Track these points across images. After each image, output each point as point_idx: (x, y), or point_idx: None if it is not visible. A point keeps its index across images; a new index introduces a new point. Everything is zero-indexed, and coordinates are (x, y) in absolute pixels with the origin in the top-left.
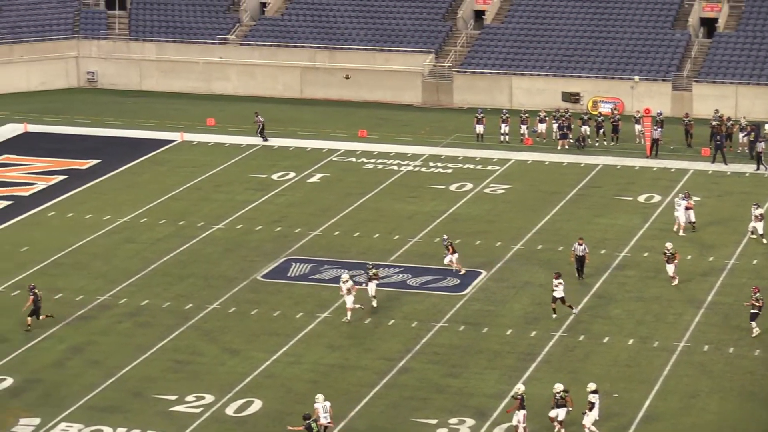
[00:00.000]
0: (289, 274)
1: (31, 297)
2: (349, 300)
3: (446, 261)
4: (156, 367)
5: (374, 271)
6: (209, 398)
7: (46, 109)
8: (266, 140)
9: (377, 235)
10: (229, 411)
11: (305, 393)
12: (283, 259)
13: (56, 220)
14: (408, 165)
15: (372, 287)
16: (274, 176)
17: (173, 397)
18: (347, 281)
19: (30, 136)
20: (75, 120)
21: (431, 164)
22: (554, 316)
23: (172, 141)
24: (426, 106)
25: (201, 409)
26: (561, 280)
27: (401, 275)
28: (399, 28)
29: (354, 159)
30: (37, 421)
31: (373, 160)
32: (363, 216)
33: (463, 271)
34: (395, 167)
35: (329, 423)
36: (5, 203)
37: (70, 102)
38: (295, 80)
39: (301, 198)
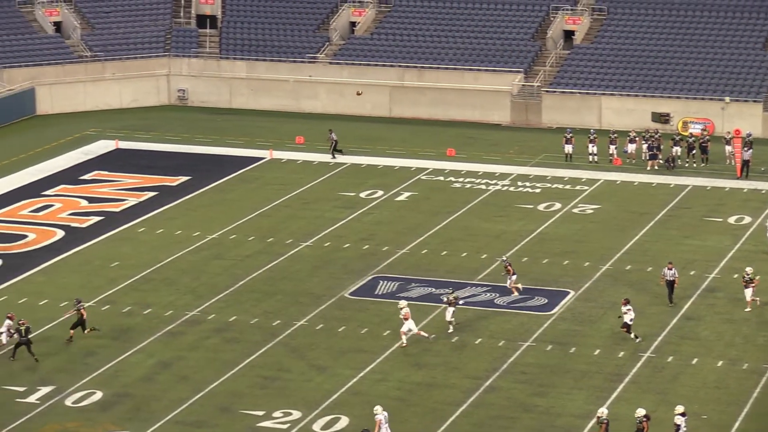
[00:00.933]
0: (376, 292)
1: (74, 311)
2: (405, 325)
3: (509, 284)
4: (243, 382)
5: (453, 296)
6: (296, 414)
7: (138, 126)
8: (334, 158)
9: (465, 253)
10: (316, 427)
11: (391, 410)
12: (370, 277)
13: (146, 236)
14: (496, 184)
15: (450, 312)
16: (362, 194)
17: (260, 413)
18: (403, 308)
19: (121, 152)
20: (165, 137)
21: (519, 184)
22: (637, 340)
23: (262, 158)
24: (515, 126)
25: (288, 425)
26: (630, 306)
27: (488, 294)
28: (488, 48)
29: (442, 178)
30: None
31: (461, 179)
32: (451, 235)
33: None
34: (483, 186)
35: None
36: (96, 219)
37: (160, 119)
38: (384, 99)
39: (389, 216)
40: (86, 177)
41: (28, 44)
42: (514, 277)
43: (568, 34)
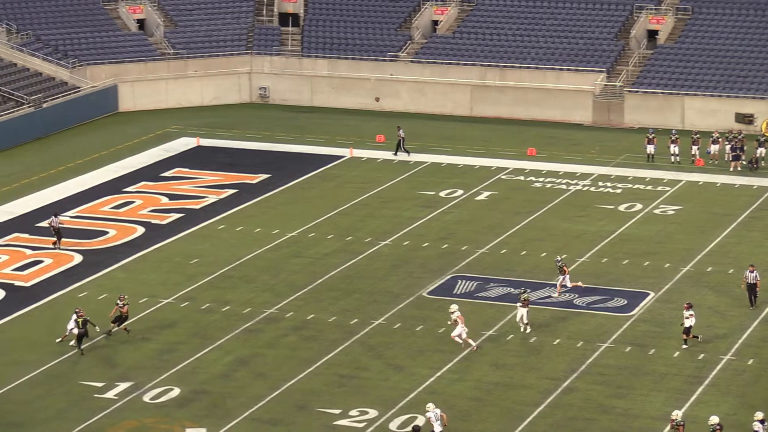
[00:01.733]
0: (454, 291)
1: (117, 306)
2: (456, 330)
3: (559, 284)
4: (320, 380)
5: (525, 296)
6: (373, 413)
7: (219, 124)
8: (396, 155)
9: (544, 254)
10: (393, 426)
11: (468, 410)
12: (449, 276)
13: (226, 233)
14: (577, 184)
15: (522, 313)
16: (442, 193)
17: (337, 411)
18: (454, 312)
19: (202, 150)
20: (246, 135)
21: (600, 184)
22: (684, 346)
23: (342, 157)
24: (596, 126)
25: (364, 423)
26: (692, 312)
27: (567, 295)
28: (571, 47)
29: (522, 177)
30: (203, 431)
31: (541, 179)
32: (530, 234)
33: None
34: (564, 186)
35: (441, 430)
36: (177, 216)
37: (242, 117)
38: (465, 98)
39: (468, 215)
40: (167, 174)
41: (112, 42)
42: (566, 277)
43: (652, 34)
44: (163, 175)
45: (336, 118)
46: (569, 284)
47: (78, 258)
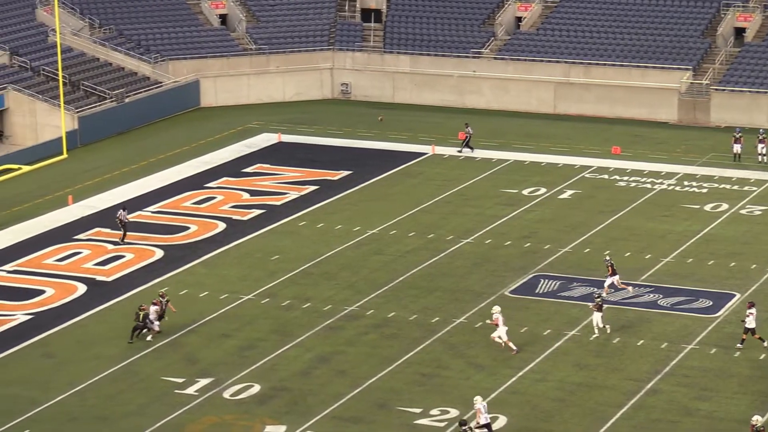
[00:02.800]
0: (537, 291)
1: (159, 302)
2: (496, 331)
3: (607, 284)
4: (401, 379)
5: (599, 299)
6: (454, 412)
7: (300, 120)
8: (460, 152)
9: (628, 253)
10: (474, 426)
11: (550, 411)
12: (531, 275)
13: (307, 230)
14: (662, 183)
15: (597, 317)
16: (525, 191)
17: (417, 410)
18: (494, 313)
19: (284, 146)
20: (328, 131)
21: (686, 183)
22: (738, 345)
23: (424, 154)
24: (682, 124)
25: (445, 423)
26: (753, 311)
27: (652, 295)
28: (656, 45)
29: (606, 176)
30: (282, 429)
31: (626, 178)
32: (614, 234)
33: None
34: (648, 185)
35: (489, 421)
36: (258, 212)
37: (323, 113)
38: (549, 95)
39: (551, 214)
40: (248, 170)
41: (194, 37)
42: (616, 278)
43: (739, 32)
44: (244, 170)
45: (418, 115)
46: (618, 285)
47: (159, 253)
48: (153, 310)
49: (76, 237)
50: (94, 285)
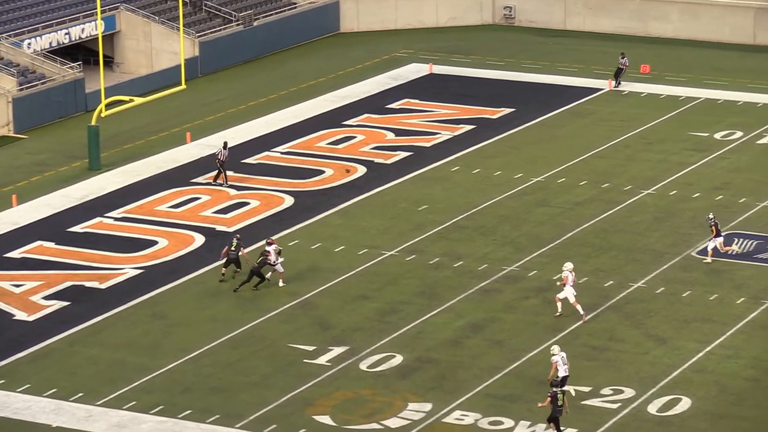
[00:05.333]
0: (729, 252)
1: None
2: (563, 292)
3: (710, 247)
4: (568, 351)
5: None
6: (628, 392)
7: (455, 48)
8: (618, 86)
9: None
10: (652, 409)
11: (742, 393)
12: (723, 234)
13: (460, 176)
14: None
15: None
16: (717, 135)
17: (586, 389)
18: (564, 271)
19: (435, 78)
20: (487, 62)
21: None
22: None
23: (599, 90)
24: None
25: (618, 404)
26: None
27: None
28: None
29: None
30: (428, 407)
31: None
32: None
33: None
34: None
35: (567, 374)
36: (404, 154)
37: (482, 41)
38: (748, 23)
39: (747, 162)
40: (394, 106)
41: None
42: (719, 240)
43: None
44: (389, 107)
45: (592, 45)
46: (721, 249)
47: (289, 200)
48: (272, 249)
49: (194, 180)
50: (213, 236)
